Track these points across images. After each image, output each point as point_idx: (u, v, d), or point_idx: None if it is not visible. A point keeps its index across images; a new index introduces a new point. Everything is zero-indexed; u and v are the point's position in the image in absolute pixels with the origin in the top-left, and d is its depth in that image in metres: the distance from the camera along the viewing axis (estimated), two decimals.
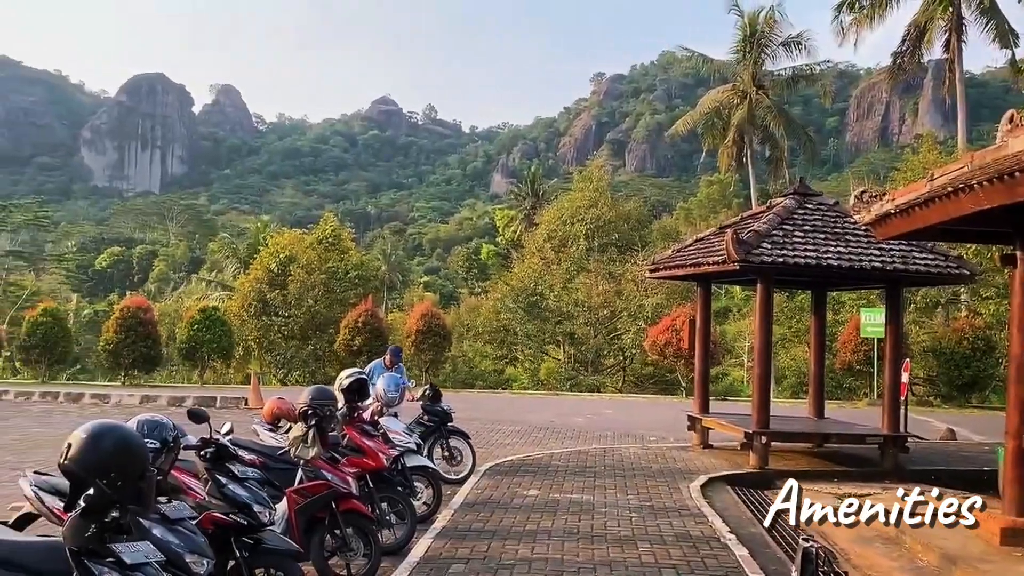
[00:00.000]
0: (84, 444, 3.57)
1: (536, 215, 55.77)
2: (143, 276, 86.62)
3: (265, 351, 30.89)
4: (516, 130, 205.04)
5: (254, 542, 5.18)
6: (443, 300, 58.18)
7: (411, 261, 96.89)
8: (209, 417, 5.60)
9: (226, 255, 52.73)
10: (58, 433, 14.27)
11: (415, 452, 8.58)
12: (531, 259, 37.43)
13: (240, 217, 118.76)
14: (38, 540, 4.23)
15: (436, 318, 26.71)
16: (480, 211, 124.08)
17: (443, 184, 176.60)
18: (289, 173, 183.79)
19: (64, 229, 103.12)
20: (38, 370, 25.70)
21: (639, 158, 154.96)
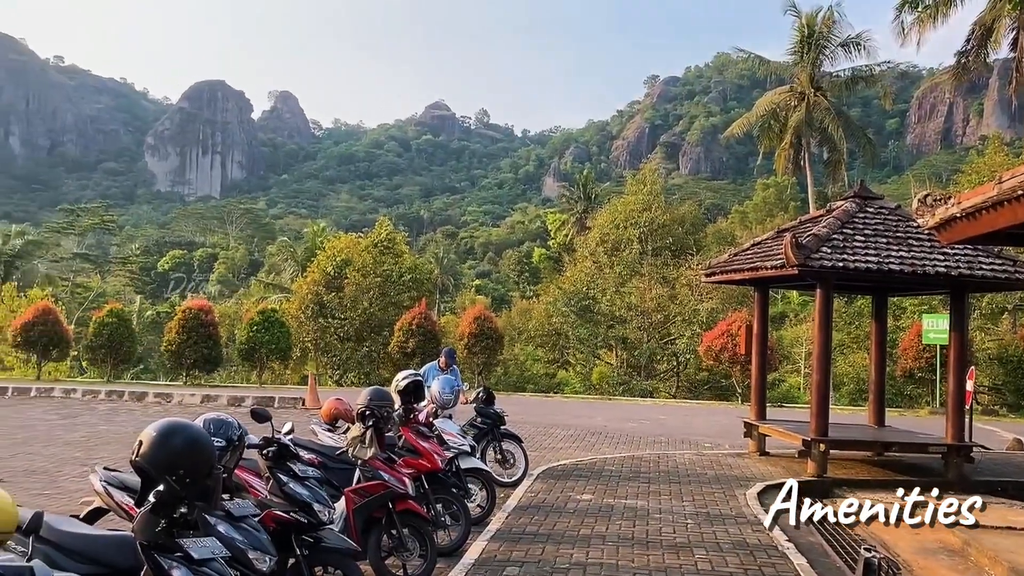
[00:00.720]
0: (155, 441, 3.68)
1: (588, 219, 55.58)
2: (204, 278, 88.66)
3: (321, 352, 31.35)
4: (568, 133, 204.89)
5: (314, 540, 5.27)
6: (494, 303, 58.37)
7: (463, 265, 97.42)
8: (271, 417, 5.72)
9: (284, 258, 53.73)
10: (123, 431, 14.74)
11: (469, 454, 8.64)
12: (583, 263, 37.30)
13: (297, 221, 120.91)
14: (109, 534, 4.36)
15: (488, 321, 26.77)
16: (532, 215, 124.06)
17: (495, 188, 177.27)
18: (345, 178, 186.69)
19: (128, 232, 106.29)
20: (104, 369, 26.47)
21: (693, 161, 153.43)
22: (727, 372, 25.98)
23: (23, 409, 17.78)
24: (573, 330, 33.35)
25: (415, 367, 16.85)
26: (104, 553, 4.10)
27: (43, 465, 11.20)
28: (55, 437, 13.87)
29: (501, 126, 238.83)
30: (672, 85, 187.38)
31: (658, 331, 32.23)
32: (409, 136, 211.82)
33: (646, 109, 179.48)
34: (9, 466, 11.02)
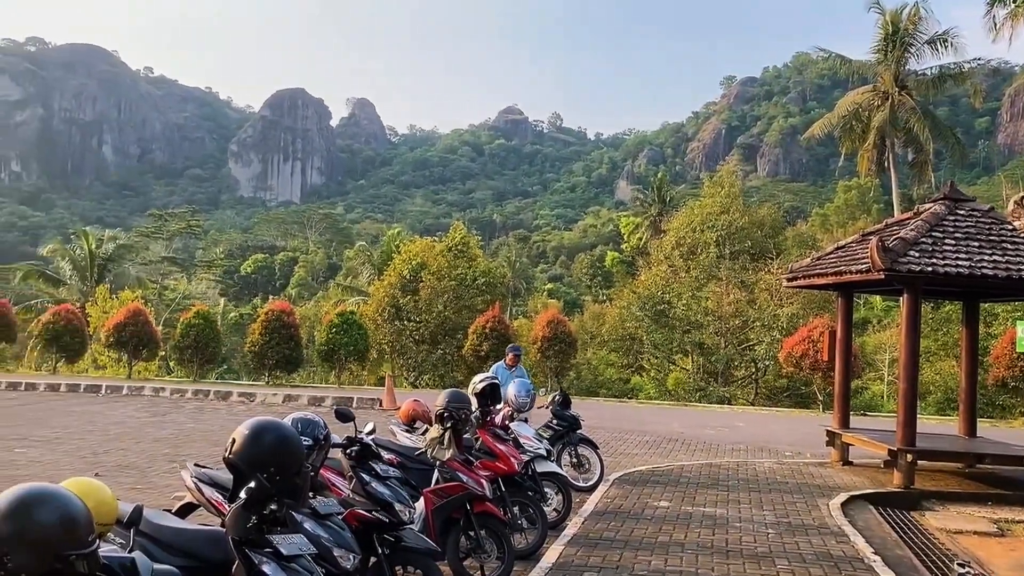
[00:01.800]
0: (247, 440, 3.79)
1: (663, 222, 54.96)
2: (284, 281, 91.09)
3: (397, 355, 31.80)
4: (642, 136, 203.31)
5: (395, 540, 5.33)
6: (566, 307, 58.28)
7: (535, 268, 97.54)
8: (355, 417, 5.83)
9: (361, 262, 54.73)
10: (209, 429, 15.24)
11: (545, 458, 8.62)
12: (658, 266, 36.88)
13: (374, 226, 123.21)
14: (201, 528, 4.50)
15: (562, 325, 26.70)
16: (604, 218, 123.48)
17: (567, 191, 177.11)
18: (419, 183, 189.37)
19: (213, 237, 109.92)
20: (190, 369, 27.40)
21: (771, 162, 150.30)
22: (808, 379, 25.31)
23: (116, 406, 18.55)
24: (648, 335, 33.00)
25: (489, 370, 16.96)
26: (196, 547, 4.22)
27: (135, 461, 11.66)
28: (145, 434, 14.42)
29: (574, 129, 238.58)
30: (749, 86, 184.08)
31: (736, 336, 31.62)
32: (482, 141, 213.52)
33: (723, 110, 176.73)
34: (103, 461, 11.51)
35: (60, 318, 27.44)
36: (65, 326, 27.31)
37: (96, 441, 13.38)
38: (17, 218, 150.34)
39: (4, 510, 2.63)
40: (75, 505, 2.74)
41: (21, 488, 2.74)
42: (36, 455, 11.81)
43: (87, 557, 2.68)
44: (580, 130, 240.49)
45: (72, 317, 27.99)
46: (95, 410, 17.71)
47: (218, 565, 4.11)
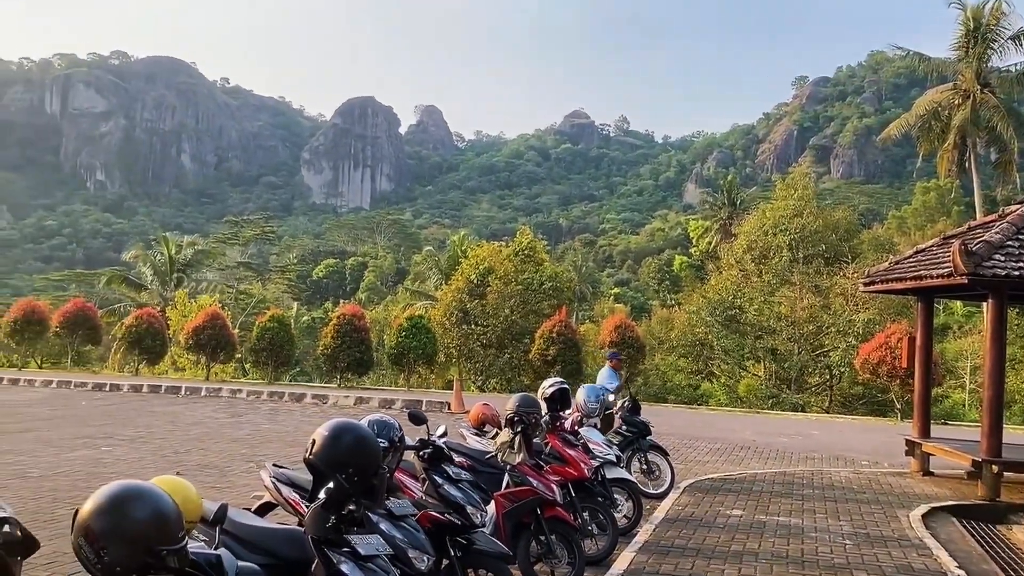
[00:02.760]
0: (326, 441, 3.88)
1: (733, 225, 54.07)
2: (355, 286, 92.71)
3: (464, 359, 32.00)
4: (711, 138, 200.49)
5: (467, 542, 5.37)
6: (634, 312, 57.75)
7: (601, 273, 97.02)
8: (427, 420, 5.90)
9: (429, 267, 55.27)
10: (284, 430, 15.60)
11: (615, 464, 8.58)
12: (729, 271, 36.26)
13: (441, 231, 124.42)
14: (281, 527, 4.61)
15: (630, 330, 26.48)
16: (672, 222, 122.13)
17: (634, 195, 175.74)
18: (486, 188, 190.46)
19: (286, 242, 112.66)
20: (266, 371, 28.09)
21: (846, 164, 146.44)
22: (885, 386, 24.55)
23: (195, 407, 19.16)
24: (718, 340, 32.47)
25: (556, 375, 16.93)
26: (276, 545, 4.32)
27: (214, 460, 12.01)
28: (223, 434, 14.85)
29: (641, 132, 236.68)
30: (822, 86, 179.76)
31: (810, 342, 30.86)
32: (548, 145, 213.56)
33: (794, 111, 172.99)
34: (184, 460, 11.90)
35: (142, 322, 28.47)
36: (147, 329, 28.33)
37: (177, 441, 13.84)
38: (102, 225, 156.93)
39: (101, 506, 2.75)
40: (166, 502, 2.84)
41: (116, 485, 2.85)
42: (121, 453, 12.28)
43: (177, 553, 2.78)
44: (647, 133, 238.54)
45: (153, 321, 29.02)
46: (176, 410, 18.32)
47: (296, 564, 4.20)
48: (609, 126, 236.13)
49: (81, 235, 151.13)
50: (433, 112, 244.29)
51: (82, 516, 2.76)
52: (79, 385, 23.12)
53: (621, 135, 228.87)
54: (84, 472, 10.68)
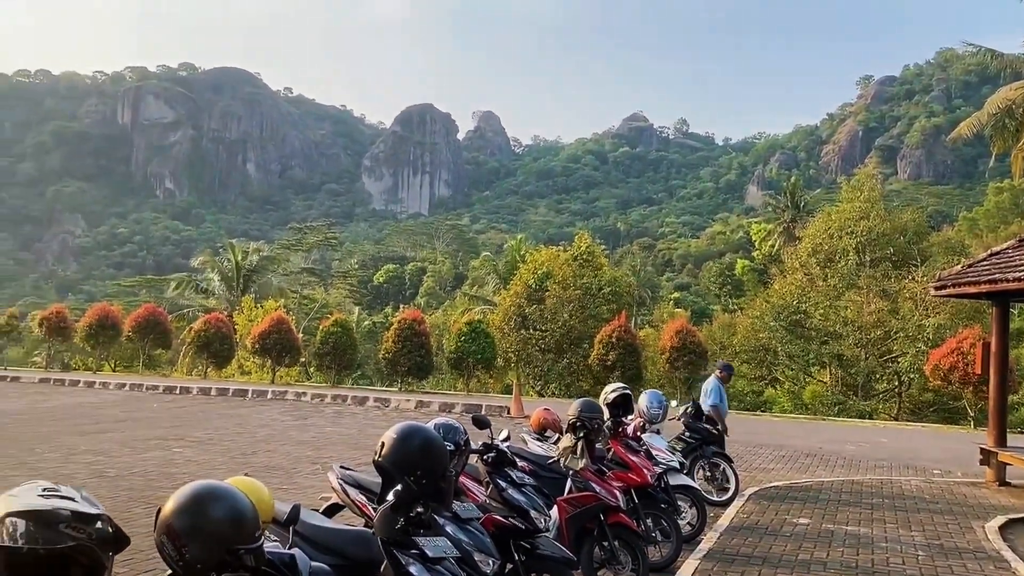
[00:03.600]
0: (395, 443, 3.94)
1: (797, 228, 52.99)
2: (414, 291, 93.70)
3: (523, 363, 32.05)
4: (773, 140, 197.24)
5: (530, 547, 5.38)
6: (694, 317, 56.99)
7: (660, 277, 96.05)
8: (491, 424, 5.93)
9: (487, 271, 55.56)
10: (347, 432, 15.85)
11: (678, 471, 8.49)
12: (793, 275, 35.51)
13: (499, 236, 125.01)
14: (349, 528, 4.69)
15: (691, 335, 26.17)
16: (734, 225, 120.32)
17: (694, 198, 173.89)
18: (543, 192, 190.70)
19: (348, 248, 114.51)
20: (329, 375, 28.58)
21: (913, 165, 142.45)
22: (957, 393, 23.75)
23: (262, 410, 19.59)
24: (782, 346, 31.83)
25: (615, 380, 16.83)
26: (344, 546, 4.39)
27: (280, 462, 12.26)
28: (289, 436, 15.15)
29: (701, 135, 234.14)
30: (888, 85, 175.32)
31: (877, 348, 30.02)
32: (606, 149, 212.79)
33: (859, 111, 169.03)
34: (252, 462, 12.18)
35: (210, 326, 29.24)
36: (215, 333, 29.08)
37: (245, 443, 14.17)
38: (171, 232, 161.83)
39: (181, 505, 2.84)
40: (243, 502, 2.92)
41: (196, 485, 2.94)
42: (192, 455, 12.63)
43: (254, 552, 2.86)
44: (707, 135, 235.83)
45: (221, 325, 29.77)
46: (243, 413, 18.76)
47: (364, 564, 4.26)
48: (668, 129, 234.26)
49: (151, 242, 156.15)
50: (491, 118, 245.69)
51: (164, 515, 2.85)
52: (151, 388, 23.85)
53: (680, 137, 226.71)
54: (157, 472, 11.02)
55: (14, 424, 16.07)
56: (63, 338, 32.95)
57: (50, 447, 13.03)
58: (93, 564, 2.29)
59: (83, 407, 19.21)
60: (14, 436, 14.27)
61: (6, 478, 10.38)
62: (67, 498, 2.28)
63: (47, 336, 33.32)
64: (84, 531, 2.23)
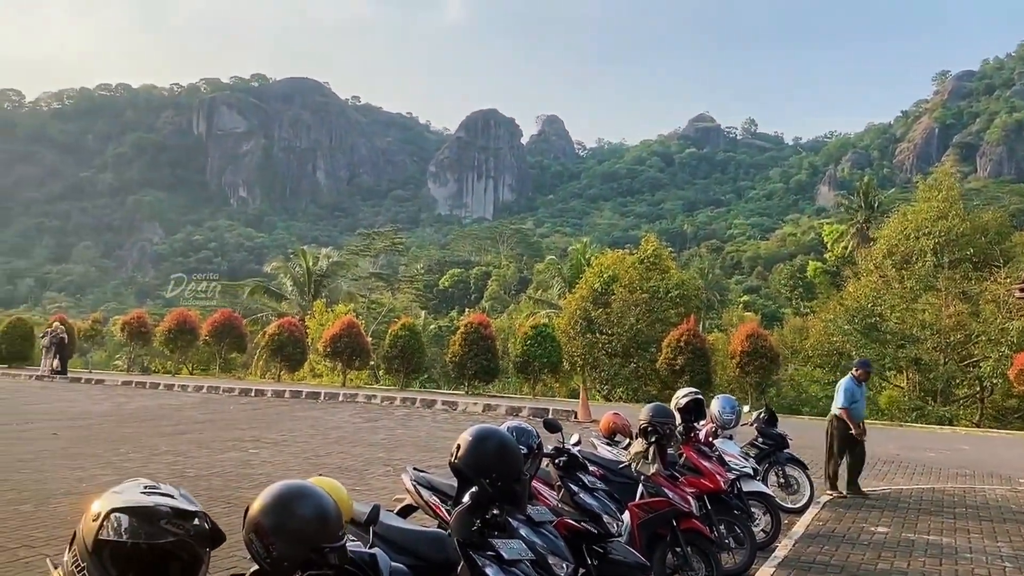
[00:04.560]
0: (470, 446, 3.99)
1: (870, 229, 51.61)
2: (479, 295, 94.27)
3: (589, 367, 31.92)
4: (845, 139, 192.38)
5: (603, 551, 5.37)
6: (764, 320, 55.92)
7: (729, 280, 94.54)
8: (562, 428, 5.95)
9: (551, 275, 55.59)
10: (416, 435, 16.04)
11: (751, 477, 8.36)
12: (868, 276, 34.52)
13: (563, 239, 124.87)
14: (425, 529, 4.76)
15: (762, 339, 25.67)
16: (805, 226, 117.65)
17: (763, 199, 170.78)
18: (607, 195, 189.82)
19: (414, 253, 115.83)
20: (397, 378, 28.98)
21: (994, 162, 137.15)
22: None
23: (333, 412, 19.98)
24: (857, 350, 30.95)
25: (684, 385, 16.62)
26: (419, 547, 4.46)
27: (353, 463, 12.48)
28: (360, 438, 15.41)
29: (769, 135, 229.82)
30: (966, 80, 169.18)
31: (957, 352, 28.98)
32: (672, 150, 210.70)
33: (935, 108, 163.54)
34: (326, 463, 12.43)
35: (284, 330, 29.96)
36: (288, 337, 29.79)
37: (318, 444, 14.48)
38: (244, 239, 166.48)
39: (268, 504, 2.94)
40: (328, 502, 3.01)
41: (282, 484, 3.04)
42: (267, 456, 12.96)
43: (338, 550, 2.94)
44: (776, 135, 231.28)
45: (294, 329, 30.48)
46: (315, 415, 19.17)
47: (439, 565, 4.32)
48: (736, 129, 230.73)
49: (226, 248, 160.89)
50: (554, 122, 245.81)
51: (252, 513, 2.96)
52: (227, 390, 24.55)
53: (749, 138, 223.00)
54: (235, 473, 11.34)
55: (100, 425, 16.74)
56: (143, 342, 34.17)
57: (133, 447, 13.53)
58: (191, 559, 2.39)
59: (163, 409, 19.89)
60: (101, 436, 14.87)
61: (94, 477, 10.83)
62: (167, 495, 2.39)
63: (128, 340, 34.62)
64: (183, 527, 2.34)
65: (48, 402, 20.87)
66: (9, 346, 33.95)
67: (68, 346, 31.12)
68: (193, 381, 27.43)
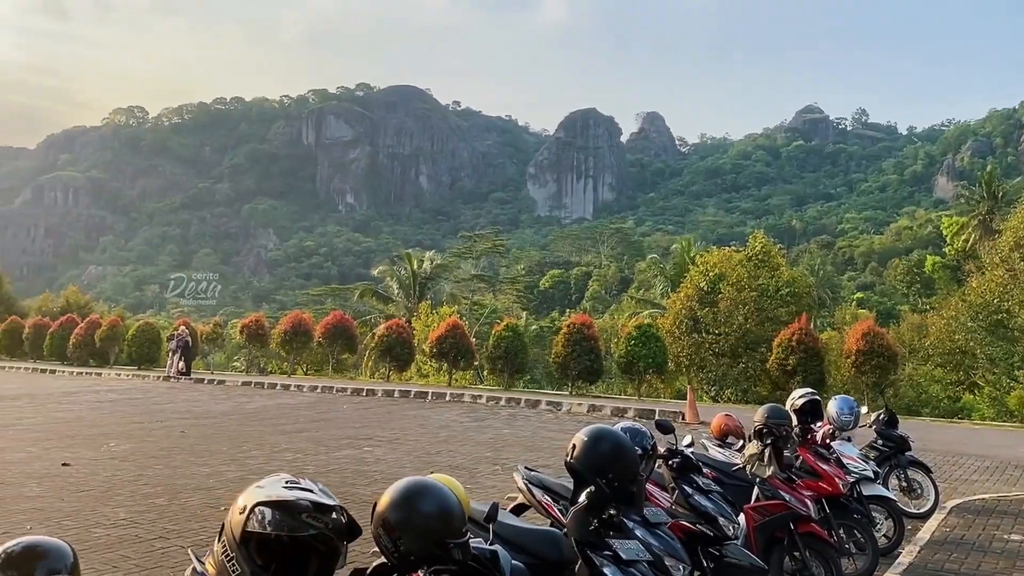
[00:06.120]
0: (585, 446, 4.02)
1: (995, 220, 48.76)
2: (579, 295, 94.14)
3: (696, 368, 31.36)
4: (964, 126, 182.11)
5: (719, 554, 5.31)
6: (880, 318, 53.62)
7: (841, 276, 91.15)
8: (675, 429, 5.91)
9: (653, 274, 54.97)
10: (523, 435, 16.17)
11: (872, 480, 8.09)
12: (993, 271, 32.54)
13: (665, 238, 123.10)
14: (539, 528, 4.82)
15: (880, 338, 24.53)
16: (922, 219, 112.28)
17: (876, 192, 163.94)
18: (711, 192, 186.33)
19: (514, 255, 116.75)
20: (501, 378, 29.23)
21: None
22: None
23: (441, 411, 20.37)
24: (982, 348, 29.30)
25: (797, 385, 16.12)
26: (535, 545, 4.52)
27: (462, 462, 12.70)
28: (468, 438, 15.65)
29: (882, 124, 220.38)
30: None
31: None
32: (778, 144, 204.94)
33: None
34: (436, 461, 12.70)
35: (392, 331, 30.72)
36: (396, 338, 30.52)
37: (428, 442, 14.80)
38: (352, 244, 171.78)
39: (395, 500, 3.05)
40: (451, 498, 3.10)
41: (408, 481, 3.16)
42: (381, 454, 13.34)
43: (462, 546, 3.03)
44: (889, 124, 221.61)
45: (402, 331, 31.21)
46: (424, 414, 19.59)
47: (554, 564, 4.37)
48: (846, 120, 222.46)
49: (335, 253, 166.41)
50: (655, 119, 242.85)
51: (380, 509, 3.08)
52: (339, 390, 25.35)
53: (860, 128, 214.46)
54: (351, 470, 11.73)
55: (223, 423, 17.61)
56: (261, 344, 35.67)
57: (255, 445, 14.18)
58: (330, 552, 2.52)
59: (281, 408, 20.74)
60: (224, 434, 15.64)
61: (220, 473, 11.42)
62: (307, 490, 2.52)
63: (247, 342, 36.23)
64: (322, 520, 2.46)
65: (175, 402, 22.08)
66: (138, 349, 36.09)
67: (192, 349, 32.85)
68: (308, 381, 28.45)
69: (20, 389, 25.56)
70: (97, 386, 27.27)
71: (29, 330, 41.23)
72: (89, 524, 8.41)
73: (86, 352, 37.53)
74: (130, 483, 10.58)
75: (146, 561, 7.27)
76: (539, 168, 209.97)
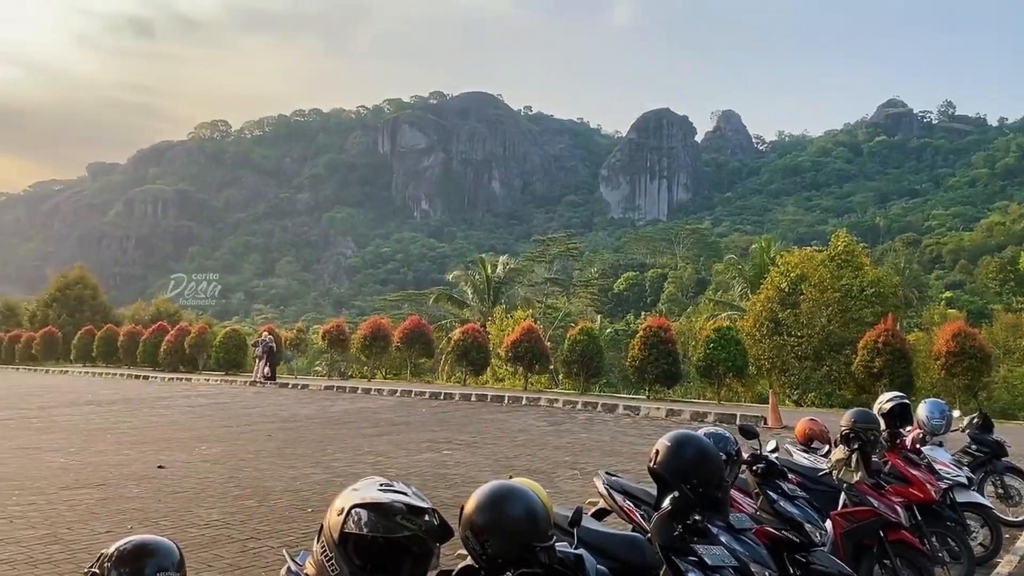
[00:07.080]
0: (669, 451, 4.02)
1: None
2: (655, 298, 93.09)
3: (777, 371, 30.68)
4: None
5: (805, 561, 5.22)
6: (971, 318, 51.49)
7: (928, 275, 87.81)
8: (759, 434, 5.84)
9: (731, 276, 53.94)
10: (601, 439, 16.13)
11: (966, 487, 7.81)
12: None
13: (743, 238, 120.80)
14: (622, 533, 4.83)
15: (972, 339, 23.53)
16: (1015, 214, 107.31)
17: (965, 187, 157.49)
18: (790, 190, 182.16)
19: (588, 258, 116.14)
20: (577, 382, 29.16)
21: None
22: None
23: (517, 415, 20.46)
24: None
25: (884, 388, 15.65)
26: (618, 550, 4.54)
27: (541, 466, 12.75)
28: (546, 442, 15.69)
29: (970, 117, 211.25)
30: None
31: None
32: (859, 140, 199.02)
33: None
34: (515, 465, 12.78)
35: (468, 336, 31.00)
36: (472, 343, 30.78)
37: (506, 446, 14.90)
38: (427, 249, 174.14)
39: (482, 503, 3.12)
40: (537, 502, 3.16)
41: (494, 484, 3.22)
42: (460, 457, 13.50)
43: (548, 549, 3.08)
44: (979, 117, 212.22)
45: (478, 335, 31.46)
46: (501, 418, 19.72)
47: (637, 569, 4.38)
48: (931, 113, 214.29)
49: (411, 259, 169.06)
50: (731, 117, 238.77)
51: (467, 512, 3.16)
52: (418, 394, 25.73)
53: (946, 121, 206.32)
54: (431, 473, 11.91)
55: (308, 427, 18.10)
56: (342, 349, 36.46)
57: (339, 448, 14.53)
58: (423, 553, 2.61)
59: (363, 412, 21.18)
60: (309, 438, 16.07)
61: (306, 476, 11.76)
62: (401, 493, 2.62)
63: (328, 347, 37.08)
64: (416, 522, 2.55)
65: (262, 406, 22.79)
66: (226, 355, 37.33)
67: (276, 354, 33.82)
68: (387, 385, 28.95)
69: (116, 394, 26.79)
70: (188, 391, 28.38)
71: (123, 338, 43.09)
72: (184, 524, 8.78)
73: (177, 358, 39.03)
74: (221, 485, 10.99)
75: (239, 560, 7.55)
76: (612, 170, 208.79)
